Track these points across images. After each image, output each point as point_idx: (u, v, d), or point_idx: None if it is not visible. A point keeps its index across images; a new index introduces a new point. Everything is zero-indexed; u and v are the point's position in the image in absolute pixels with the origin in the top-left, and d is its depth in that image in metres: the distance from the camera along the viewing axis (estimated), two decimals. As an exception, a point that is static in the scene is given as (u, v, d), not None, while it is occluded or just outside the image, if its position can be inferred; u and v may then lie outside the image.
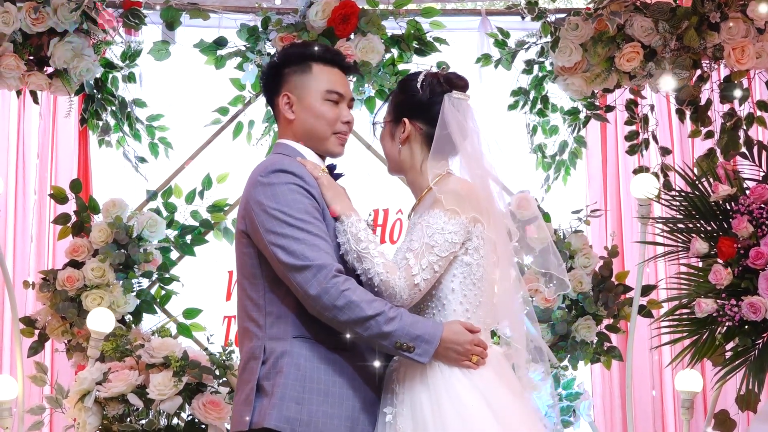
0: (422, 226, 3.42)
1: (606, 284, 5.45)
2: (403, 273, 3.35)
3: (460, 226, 3.42)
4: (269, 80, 3.64)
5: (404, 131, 3.58)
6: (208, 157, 5.68)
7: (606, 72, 5.40)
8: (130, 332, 5.22)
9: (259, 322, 3.40)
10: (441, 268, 3.41)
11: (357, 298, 3.28)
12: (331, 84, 3.59)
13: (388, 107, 3.68)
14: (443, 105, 3.54)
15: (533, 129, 5.79)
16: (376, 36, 5.36)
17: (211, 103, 5.62)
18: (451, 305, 3.46)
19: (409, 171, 3.62)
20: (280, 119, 3.63)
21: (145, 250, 5.33)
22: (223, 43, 5.47)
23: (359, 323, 3.29)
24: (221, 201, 5.55)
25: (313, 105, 3.55)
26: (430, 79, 3.59)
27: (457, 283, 3.46)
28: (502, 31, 5.66)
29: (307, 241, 3.30)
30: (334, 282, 3.27)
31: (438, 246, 3.38)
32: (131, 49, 5.50)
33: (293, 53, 3.64)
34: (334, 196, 3.46)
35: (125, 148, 5.60)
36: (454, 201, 3.42)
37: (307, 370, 3.34)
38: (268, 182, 3.37)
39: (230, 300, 5.72)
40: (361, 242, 3.37)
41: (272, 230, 3.32)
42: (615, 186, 6.29)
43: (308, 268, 3.27)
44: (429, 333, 3.34)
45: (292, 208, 3.33)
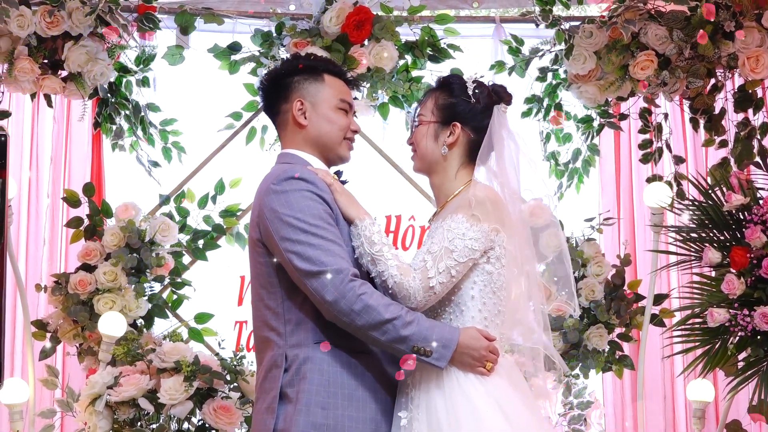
0: (443, 229, 3.45)
1: (618, 293, 5.45)
2: (419, 275, 3.37)
3: (482, 233, 3.44)
4: (274, 88, 3.69)
5: (453, 136, 3.61)
6: (221, 161, 5.69)
7: (620, 80, 5.39)
8: (141, 336, 5.22)
9: (279, 331, 3.42)
10: (458, 273, 3.42)
11: (374, 302, 3.29)
12: (343, 94, 3.67)
13: (428, 106, 3.68)
14: (493, 116, 3.61)
15: (546, 137, 5.78)
16: (390, 42, 5.35)
17: (224, 108, 5.61)
18: (470, 312, 3.48)
19: (440, 174, 3.65)
20: (287, 126, 3.67)
21: (158, 255, 5.35)
22: (237, 48, 5.47)
23: (376, 327, 3.30)
24: (234, 206, 5.55)
25: (327, 112, 3.62)
26: (482, 89, 3.65)
27: (477, 291, 3.48)
28: (516, 39, 5.65)
29: (322, 246, 3.32)
30: (350, 286, 3.28)
31: (457, 251, 3.40)
32: (145, 53, 5.50)
33: (304, 63, 3.70)
34: (348, 201, 3.49)
35: (138, 152, 5.60)
36: (479, 208, 3.45)
37: (330, 375, 3.36)
38: (282, 190, 3.40)
39: (242, 305, 5.70)
40: (375, 245, 3.39)
41: (287, 237, 3.34)
42: (628, 194, 6.27)
43: (324, 273, 3.29)
44: (446, 338, 3.35)
45: (306, 214, 3.35)
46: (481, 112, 3.61)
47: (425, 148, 3.64)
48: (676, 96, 5.47)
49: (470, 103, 3.61)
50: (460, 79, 3.68)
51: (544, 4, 5.45)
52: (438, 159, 3.62)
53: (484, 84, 3.68)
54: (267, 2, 5.70)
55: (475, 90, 3.62)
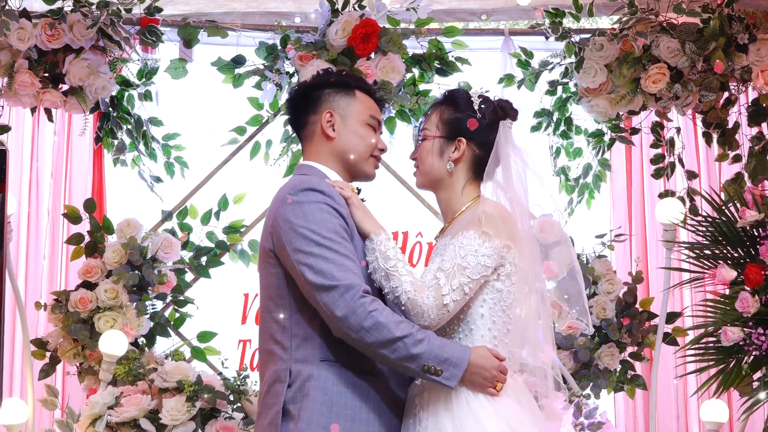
0: (455, 246, 3.43)
1: (630, 311, 5.43)
2: (432, 292, 3.36)
3: (494, 250, 3.43)
4: (303, 100, 3.69)
5: (458, 151, 3.61)
6: (225, 177, 5.68)
7: (631, 93, 5.39)
8: (143, 355, 5.21)
9: (285, 345, 3.41)
10: (471, 291, 3.41)
11: (384, 320, 3.28)
12: (374, 111, 3.70)
13: (432, 120, 3.68)
14: (499, 132, 3.61)
15: (556, 151, 5.77)
16: (397, 55, 5.35)
17: (228, 122, 5.62)
18: (479, 331, 3.46)
19: (446, 190, 3.65)
20: (313, 137, 3.66)
21: (160, 272, 5.34)
22: (241, 61, 5.48)
23: (386, 345, 3.28)
24: (237, 222, 5.55)
25: (357, 126, 3.64)
26: (488, 104, 3.64)
27: (486, 309, 3.47)
28: (525, 51, 5.66)
29: (335, 260, 3.31)
30: (361, 302, 3.27)
31: (470, 268, 3.39)
32: (148, 66, 5.51)
33: (336, 78, 3.72)
34: (364, 215, 3.49)
35: (140, 167, 5.60)
36: (490, 224, 3.44)
37: (334, 395, 3.35)
38: (297, 201, 3.39)
39: (246, 323, 5.70)
40: (389, 260, 3.38)
41: (300, 249, 3.33)
42: (640, 210, 6.26)
43: (335, 288, 3.28)
44: (457, 356, 3.34)
45: (320, 226, 3.35)
46: (486, 128, 3.61)
47: (430, 164, 3.64)
48: (688, 110, 5.48)
49: (476, 119, 3.60)
50: (466, 94, 3.68)
51: (553, 17, 5.46)
52: (443, 175, 3.62)
53: (489, 99, 3.67)
54: (271, 15, 5.69)
55: (480, 105, 3.62)
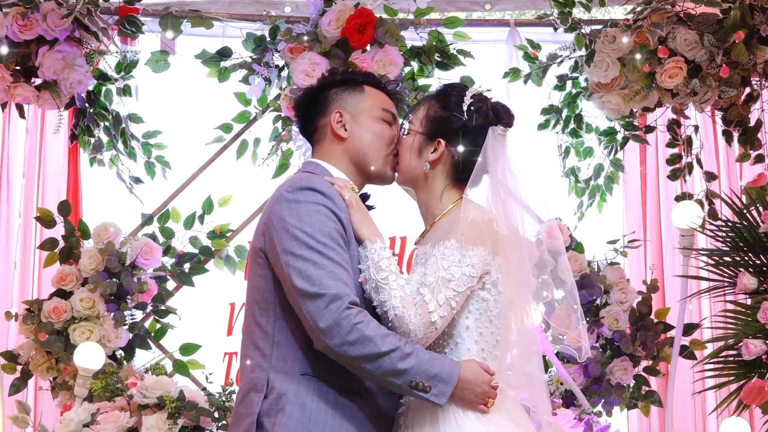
0: (437, 258, 3.39)
1: (644, 322, 5.42)
2: (419, 310, 3.33)
3: (479, 258, 3.40)
4: (311, 104, 3.70)
5: (436, 153, 3.58)
6: (210, 178, 5.70)
7: (646, 89, 5.39)
8: (121, 369, 5.20)
9: (265, 352, 3.40)
10: (458, 304, 3.39)
11: (370, 333, 3.26)
12: (386, 104, 3.69)
13: (419, 114, 3.65)
14: (487, 138, 3.56)
15: (566, 151, 5.79)
16: (395, 48, 5.35)
17: (213, 119, 5.62)
18: (466, 344, 3.44)
19: (424, 192, 3.62)
20: (324, 140, 3.66)
21: (139, 280, 5.34)
22: (228, 53, 5.50)
23: (371, 359, 3.27)
24: (223, 226, 5.56)
25: (369, 123, 3.64)
26: (478, 105, 3.58)
27: (472, 320, 3.45)
28: (532, 44, 5.67)
29: (325, 267, 3.30)
30: (346, 314, 3.25)
31: (455, 280, 3.36)
32: (127, 59, 5.53)
33: (342, 76, 3.74)
34: (362, 219, 3.48)
35: (119, 167, 5.63)
36: (472, 231, 3.41)
37: (312, 412, 3.33)
38: (294, 199, 3.39)
39: (231, 335, 5.72)
40: (381, 271, 3.37)
41: (290, 251, 3.33)
42: (655, 214, 6.27)
43: (321, 297, 3.27)
44: (447, 372, 3.32)
45: (315, 229, 3.34)
46: (473, 132, 3.56)
47: (407, 162, 3.61)
48: (707, 106, 5.48)
49: (462, 120, 3.56)
50: (460, 91, 3.62)
51: (562, 6, 5.45)
52: (419, 175, 3.60)
53: (486, 99, 3.62)
54: (260, 4, 5.71)
55: (470, 106, 3.57)
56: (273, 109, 5.52)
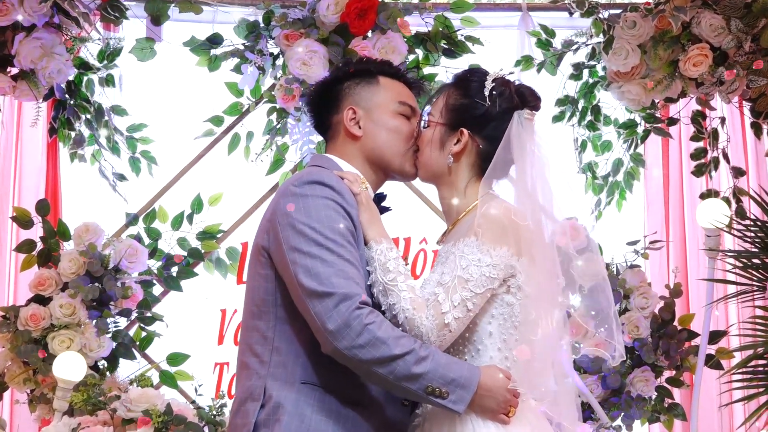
0: (456, 256, 3.39)
1: (667, 329, 5.44)
2: (431, 311, 3.32)
3: (501, 258, 3.38)
4: (323, 100, 3.70)
5: (460, 144, 3.56)
6: (199, 175, 5.72)
7: (668, 78, 5.38)
8: (104, 381, 5.21)
9: (263, 358, 3.39)
10: (475, 306, 3.37)
11: (383, 334, 3.25)
12: (403, 96, 3.68)
13: (438, 104, 3.64)
14: (511, 124, 3.53)
15: (582, 145, 5.80)
16: (398, 34, 5.37)
17: (202, 111, 5.63)
18: (488, 351, 3.43)
19: (448, 187, 3.61)
20: (337, 138, 3.66)
21: (123, 284, 5.33)
22: (218, 41, 5.50)
23: (384, 363, 3.25)
24: (213, 227, 5.57)
25: (385, 118, 3.63)
26: (501, 89, 3.56)
27: (495, 326, 3.43)
28: (546, 29, 5.68)
29: (335, 264, 3.30)
30: (357, 314, 3.24)
31: (473, 280, 3.35)
32: (110, 47, 5.54)
33: (356, 67, 3.73)
34: (370, 218, 3.47)
35: (101, 163, 5.63)
36: (495, 229, 3.39)
37: (312, 423, 3.32)
38: (302, 193, 3.39)
39: (223, 344, 5.72)
40: (389, 273, 3.36)
41: (297, 248, 3.32)
42: (678, 213, 6.26)
43: (330, 297, 3.26)
44: (465, 377, 3.31)
45: (324, 225, 3.34)
46: (497, 119, 3.54)
47: (428, 156, 3.60)
48: (734, 97, 5.47)
49: (485, 106, 3.55)
50: (480, 76, 3.60)
51: (579, -11, 5.47)
52: (443, 170, 3.59)
53: (508, 83, 3.60)
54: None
55: (492, 91, 3.55)
56: (267, 101, 5.51)
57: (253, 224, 5.47)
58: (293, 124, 5.47)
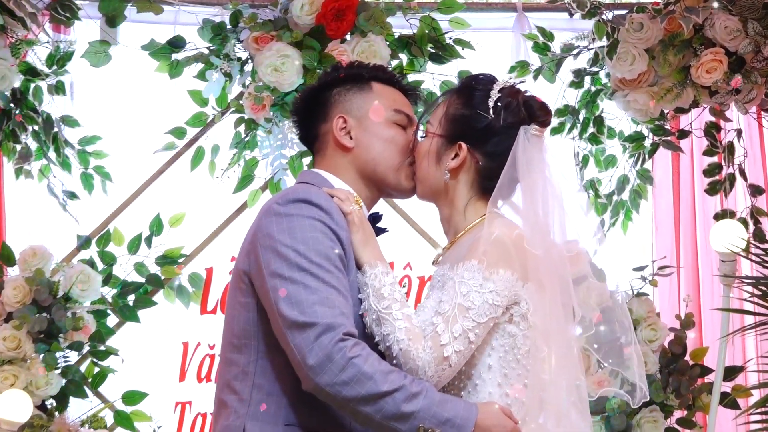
0: (455, 282, 3.36)
1: (678, 365, 5.44)
2: (429, 343, 3.29)
3: (504, 283, 3.35)
4: (311, 108, 3.68)
5: (457, 159, 3.53)
6: (159, 192, 5.72)
7: (679, 86, 5.40)
8: (52, 422, 5.21)
9: (242, 396, 3.37)
10: (477, 337, 3.33)
11: (369, 369, 3.21)
12: (399, 104, 3.66)
13: (438, 113, 3.62)
14: (517, 140, 3.50)
15: (584, 160, 5.81)
16: (380, 37, 5.38)
17: (163, 122, 5.63)
18: (486, 387, 3.40)
19: (446, 205, 3.59)
20: (326, 150, 3.64)
21: (74, 314, 5.30)
22: (180, 44, 5.51)
23: (370, 401, 3.22)
24: (175, 250, 5.56)
25: (378, 128, 3.61)
26: (508, 100, 3.53)
27: (495, 359, 3.40)
28: (543, 32, 5.69)
29: (319, 292, 3.26)
30: (340, 347, 3.20)
31: (475, 308, 3.31)
32: (60, 51, 5.52)
33: (346, 72, 3.71)
34: (364, 239, 3.44)
35: (50, 179, 5.61)
36: (497, 250, 3.36)
37: None
38: (285, 213, 3.36)
39: (185, 381, 5.70)
40: (383, 300, 3.33)
41: (278, 273, 3.29)
42: (690, 236, 6.27)
43: (312, 327, 3.21)
44: (461, 416, 3.28)
45: (309, 248, 3.30)
46: (500, 133, 3.51)
47: (425, 170, 3.58)
48: (752, 107, 5.50)
49: (487, 119, 3.51)
50: (486, 85, 3.57)
51: (580, -13, 5.47)
52: (439, 186, 3.57)
53: (517, 93, 3.56)
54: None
55: (497, 102, 3.52)
56: (234, 110, 5.51)
57: (219, 248, 5.51)
58: (263, 136, 5.48)
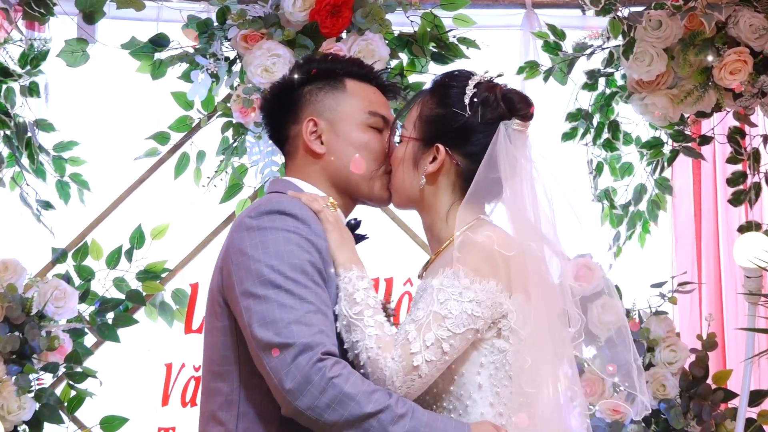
0: (434, 289, 3.33)
1: (699, 388, 5.43)
2: (398, 350, 3.26)
3: (487, 294, 3.33)
4: (281, 105, 3.65)
5: (435, 162, 3.50)
6: (140, 202, 5.71)
7: (700, 89, 5.39)
8: (25, 449, 5.16)
9: (229, 426, 3.36)
10: (453, 349, 3.30)
11: (351, 389, 3.19)
12: (374, 104, 3.62)
13: (412, 116, 3.59)
14: (497, 136, 3.47)
15: (598, 167, 5.80)
16: (378, 35, 5.37)
17: (144, 127, 5.62)
18: (478, 407, 3.37)
19: (428, 214, 3.56)
20: (296, 155, 3.62)
21: (49, 333, 5.29)
22: (163, 42, 5.50)
23: (354, 424, 3.20)
24: (157, 264, 5.56)
25: (351, 132, 3.58)
26: (485, 96, 3.50)
27: (485, 377, 3.38)
28: (554, 30, 5.70)
29: (295, 310, 3.23)
30: (318, 367, 3.18)
31: (451, 317, 3.28)
32: (34, 49, 5.52)
33: (318, 67, 3.67)
34: (340, 240, 3.42)
35: (23, 188, 5.60)
36: (479, 258, 3.35)
37: None
38: (258, 226, 3.33)
39: (168, 405, 5.69)
40: (355, 305, 3.31)
41: (251, 292, 3.27)
42: (712, 249, 6.30)
43: (287, 348, 3.19)
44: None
45: (283, 262, 3.28)
46: (479, 131, 3.49)
47: (401, 177, 3.57)
48: (779, 111, 5.48)
49: (464, 117, 3.49)
50: (460, 82, 3.55)
51: (592, -18, 5.46)
52: (415, 193, 3.55)
53: (494, 87, 3.53)
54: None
55: (473, 98, 3.49)
56: (221, 114, 5.51)
57: (204, 262, 5.52)
58: (252, 142, 5.48)
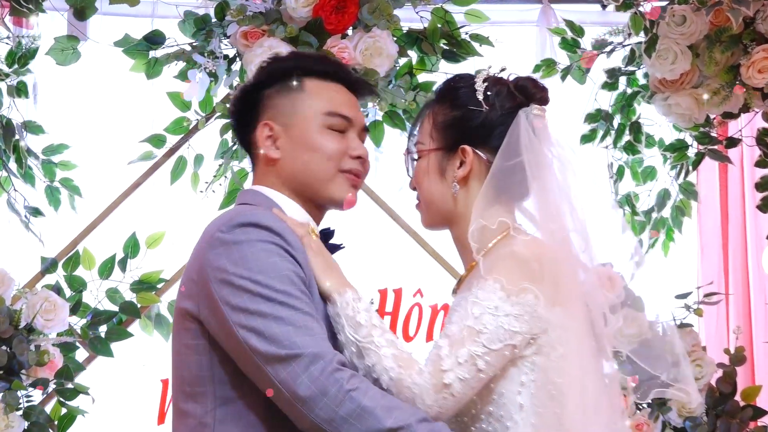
0: (468, 303, 3.32)
1: (727, 405, 5.42)
2: (429, 367, 3.25)
3: (525, 308, 3.31)
4: (243, 109, 3.65)
5: (464, 166, 3.52)
6: (135, 209, 5.72)
7: (727, 88, 5.38)
8: (13, 470, 5.15)
9: (202, 451, 3.36)
10: (488, 366, 3.28)
11: (370, 403, 3.16)
12: (334, 104, 3.59)
13: (425, 128, 3.61)
14: (517, 125, 3.50)
15: (619, 171, 5.81)
16: (386, 31, 5.36)
17: (139, 129, 5.63)
18: (519, 429, 3.35)
19: (460, 224, 3.55)
20: (258, 163, 3.62)
21: (38, 348, 5.28)
22: (159, 40, 5.50)
23: None
24: (153, 275, 5.55)
25: (307, 134, 3.55)
26: (497, 88, 3.53)
27: (526, 397, 3.36)
28: (572, 26, 5.71)
29: (293, 321, 3.21)
30: (335, 378, 3.16)
31: (487, 333, 3.27)
32: (22, 47, 5.53)
33: (275, 67, 3.66)
34: (325, 266, 3.42)
35: (11, 194, 5.62)
36: (518, 269, 3.34)
37: None
38: (234, 240, 3.30)
39: (164, 423, 5.70)
40: (361, 328, 3.29)
41: (242, 307, 3.23)
42: (740, 258, 6.30)
43: (296, 359, 3.17)
44: None
45: (269, 275, 3.26)
46: (501, 123, 3.51)
47: (429, 192, 3.57)
48: (811, 112, 5.47)
49: (483, 112, 3.51)
50: (467, 81, 3.58)
51: (614, -24, 5.45)
52: (449, 204, 3.55)
53: (501, 80, 3.57)
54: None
55: (487, 92, 3.52)
56: (220, 115, 5.49)
57: None
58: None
